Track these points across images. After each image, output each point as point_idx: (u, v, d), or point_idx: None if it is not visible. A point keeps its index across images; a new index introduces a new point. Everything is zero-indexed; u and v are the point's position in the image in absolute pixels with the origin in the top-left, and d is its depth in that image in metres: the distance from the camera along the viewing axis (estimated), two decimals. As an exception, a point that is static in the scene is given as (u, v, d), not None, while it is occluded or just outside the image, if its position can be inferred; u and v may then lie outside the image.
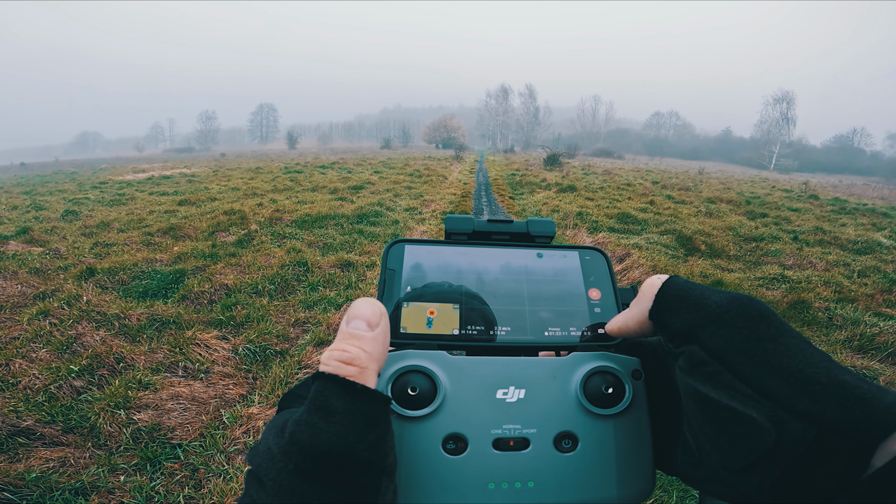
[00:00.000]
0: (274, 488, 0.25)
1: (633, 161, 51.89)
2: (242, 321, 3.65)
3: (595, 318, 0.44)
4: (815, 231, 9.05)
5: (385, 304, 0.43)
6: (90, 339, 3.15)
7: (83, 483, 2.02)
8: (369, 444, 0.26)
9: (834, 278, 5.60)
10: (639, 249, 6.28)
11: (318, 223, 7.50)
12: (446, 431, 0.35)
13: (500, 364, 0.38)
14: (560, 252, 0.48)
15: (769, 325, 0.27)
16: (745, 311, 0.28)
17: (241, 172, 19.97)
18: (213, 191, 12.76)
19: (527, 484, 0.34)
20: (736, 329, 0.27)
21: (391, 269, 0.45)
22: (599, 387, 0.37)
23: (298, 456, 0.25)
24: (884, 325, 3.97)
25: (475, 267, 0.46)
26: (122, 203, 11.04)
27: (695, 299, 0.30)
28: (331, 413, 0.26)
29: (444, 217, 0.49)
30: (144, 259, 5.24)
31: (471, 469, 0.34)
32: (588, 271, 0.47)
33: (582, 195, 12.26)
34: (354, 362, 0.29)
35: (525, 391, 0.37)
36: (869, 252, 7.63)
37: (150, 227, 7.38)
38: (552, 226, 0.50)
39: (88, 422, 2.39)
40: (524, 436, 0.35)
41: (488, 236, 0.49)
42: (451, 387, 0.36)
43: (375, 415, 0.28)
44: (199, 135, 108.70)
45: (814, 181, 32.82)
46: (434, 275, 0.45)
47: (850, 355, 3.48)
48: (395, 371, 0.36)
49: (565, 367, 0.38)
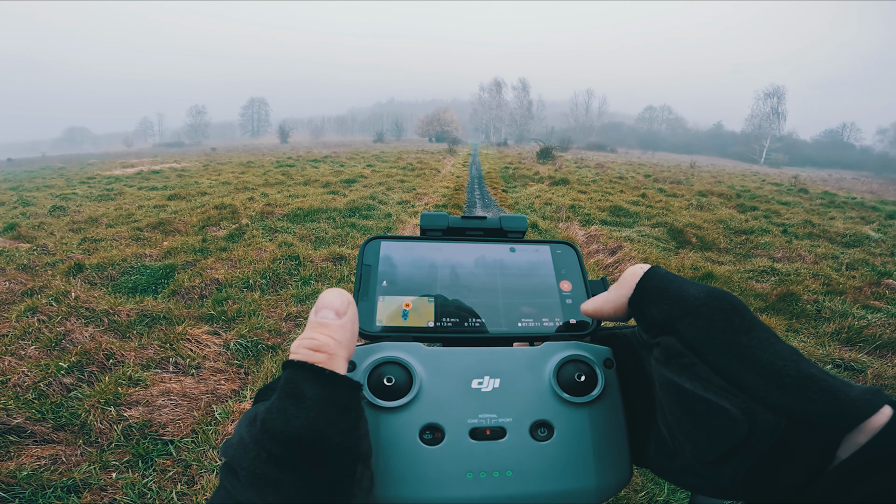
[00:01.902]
0: (248, 478, 0.25)
1: (626, 155, 52.08)
2: (234, 316, 3.63)
3: (567, 310, 0.45)
4: (805, 224, 9.15)
5: (361, 299, 0.44)
6: (79, 335, 3.12)
7: (75, 480, 2.01)
8: (342, 430, 0.27)
9: (822, 271, 5.68)
10: (630, 242, 6.31)
11: (311, 217, 7.46)
12: (423, 422, 0.35)
13: (475, 354, 0.38)
14: (532, 246, 0.50)
15: (743, 318, 0.28)
16: (721, 305, 0.28)
17: (232, 167, 19.78)
18: (204, 185, 12.63)
19: (505, 473, 0.35)
20: (712, 321, 0.28)
21: (367, 265, 0.46)
22: (572, 375, 0.38)
23: (271, 443, 0.25)
24: (872, 318, 4.03)
25: (450, 261, 0.47)
26: (110, 198, 10.89)
27: (674, 291, 0.31)
28: (301, 399, 0.26)
29: (420, 215, 0.50)
30: (133, 254, 5.19)
31: (448, 459, 0.35)
32: (559, 264, 0.49)
33: (574, 188, 12.28)
34: (323, 349, 0.29)
35: (500, 380, 0.37)
36: (857, 245, 7.73)
37: (140, 222, 7.29)
38: (524, 221, 0.51)
39: (79, 419, 2.37)
40: (500, 425, 0.36)
41: (462, 232, 0.51)
42: (427, 377, 0.37)
43: (347, 401, 0.28)
44: (189, 129, 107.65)
45: (804, 175, 33.17)
46: (409, 269, 0.46)
47: (839, 348, 3.52)
48: (370, 363, 0.36)
49: (539, 357, 0.39)
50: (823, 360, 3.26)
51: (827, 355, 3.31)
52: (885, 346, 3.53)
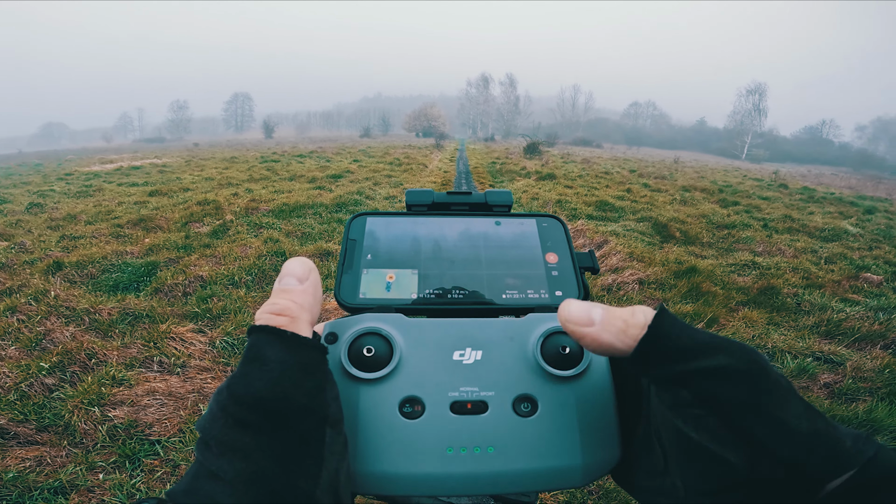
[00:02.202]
0: (218, 447, 0.25)
1: (612, 150, 52.51)
2: (219, 313, 3.58)
3: (553, 281, 0.44)
4: (785, 219, 9.35)
5: (346, 272, 0.43)
6: (60, 335, 3.05)
7: (62, 482, 1.98)
8: (306, 391, 0.26)
9: (802, 265, 5.81)
10: (616, 236, 6.39)
11: (297, 212, 7.38)
12: (403, 394, 0.34)
13: (457, 325, 0.38)
14: (517, 220, 0.49)
15: (767, 378, 0.26)
16: (748, 367, 0.26)
17: (216, 162, 19.44)
18: (186, 181, 12.40)
19: (486, 449, 0.33)
20: (736, 384, 0.26)
21: (352, 240, 0.46)
22: (556, 348, 0.36)
23: (235, 407, 0.25)
24: (850, 311, 4.13)
25: (434, 235, 0.47)
26: (89, 195, 10.63)
27: (691, 343, 0.27)
28: (264, 362, 0.26)
29: (405, 192, 0.50)
30: (114, 252, 5.08)
31: (428, 433, 0.33)
32: (545, 237, 0.48)
33: (561, 183, 12.37)
34: (284, 312, 0.29)
35: (482, 352, 0.36)
36: (836, 239, 7.93)
37: (120, 219, 7.14)
38: (510, 196, 0.51)
39: (62, 420, 2.32)
40: (482, 399, 0.35)
41: (448, 207, 0.51)
42: (407, 349, 0.36)
43: (310, 362, 0.28)
44: (171, 124, 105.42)
45: (784, 171, 33.85)
46: (394, 243, 0.46)
47: (818, 340, 3.59)
48: (351, 334, 0.36)
49: (522, 328, 0.38)
50: (804, 352, 3.33)
51: (807, 348, 3.39)
52: (864, 338, 3.62)
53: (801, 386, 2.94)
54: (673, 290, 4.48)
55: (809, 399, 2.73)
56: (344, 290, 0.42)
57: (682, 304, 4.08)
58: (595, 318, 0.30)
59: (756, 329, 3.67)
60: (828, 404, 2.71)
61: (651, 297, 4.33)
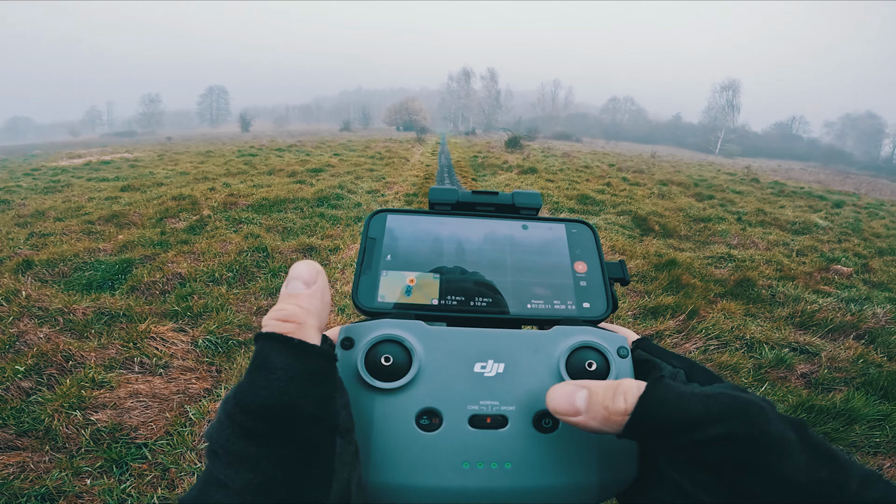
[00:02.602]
0: (226, 456, 0.25)
1: (591, 144, 53.18)
2: (200, 311, 3.49)
3: (580, 292, 0.43)
4: (758, 212, 9.64)
5: (364, 273, 0.42)
6: (33, 336, 2.93)
7: (48, 488, 1.90)
8: (314, 399, 0.26)
9: (775, 257, 6.00)
10: (598, 230, 6.47)
11: (277, 207, 7.24)
12: (420, 406, 0.33)
13: (480, 336, 0.36)
14: (546, 224, 0.47)
15: (768, 438, 0.25)
16: (748, 432, 0.25)
17: (191, 156, 18.91)
18: (160, 175, 12.03)
19: (503, 465, 0.33)
20: (732, 449, 0.25)
21: (371, 238, 0.44)
22: (582, 363, 0.35)
23: (242, 416, 0.25)
24: (822, 302, 4.27)
25: (458, 237, 0.45)
26: (57, 190, 10.21)
27: (681, 419, 0.27)
28: (271, 370, 0.26)
29: (429, 189, 0.48)
30: (86, 249, 4.90)
31: (444, 446, 0.33)
32: (574, 244, 0.46)
33: (543, 177, 12.46)
34: (291, 318, 0.29)
35: (504, 365, 0.35)
36: (806, 232, 8.22)
37: (91, 215, 6.88)
38: (538, 198, 0.49)
39: (42, 424, 2.23)
40: (502, 413, 0.34)
41: (472, 207, 0.48)
42: (427, 358, 0.35)
43: (318, 370, 0.27)
44: (142, 118, 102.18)
45: (755, 165, 34.87)
46: (415, 244, 0.44)
47: (794, 331, 3.70)
48: (369, 340, 0.35)
49: (548, 341, 0.36)
50: (780, 343, 3.44)
51: (783, 339, 3.50)
52: (837, 329, 3.75)
53: (780, 376, 3.04)
54: (654, 282, 4.57)
55: (787, 389, 2.85)
56: (362, 292, 0.41)
57: (663, 297, 4.17)
58: (580, 406, 0.30)
59: (734, 321, 3.77)
60: (806, 394, 2.80)
61: (634, 291, 4.41)
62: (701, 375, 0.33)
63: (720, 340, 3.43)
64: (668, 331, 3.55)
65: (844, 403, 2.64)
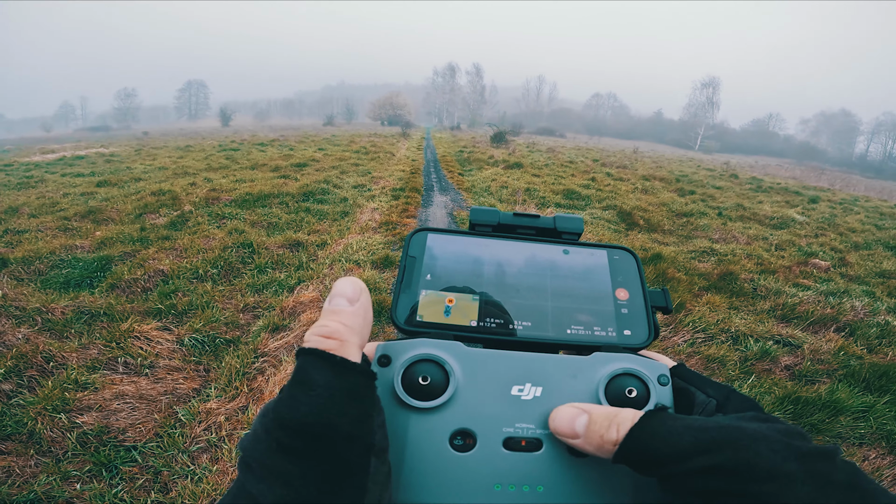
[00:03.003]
0: (259, 470, 0.25)
1: (574, 139, 53.61)
2: (185, 309, 3.42)
3: (621, 319, 0.43)
4: (737, 207, 9.87)
5: (403, 291, 0.41)
6: (11, 337, 2.81)
7: (37, 493, 1.84)
8: (352, 418, 0.26)
9: (755, 251, 6.15)
10: (585, 224, 6.54)
11: (261, 202, 7.12)
12: (455, 426, 0.33)
13: (518, 359, 0.36)
14: (588, 250, 0.47)
15: (758, 469, 0.26)
16: (736, 466, 0.26)
17: (169, 151, 18.47)
18: (137, 171, 11.71)
19: (535, 488, 0.32)
20: (720, 480, 0.26)
21: (412, 257, 0.43)
22: (623, 390, 0.35)
23: (279, 431, 0.25)
24: (803, 296, 4.39)
25: (498, 259, 0.45)
26: (30, 186, 9.86)
27: (669, 452, 0.27)
28: (311, 387, 0.26)
29: (469, 209, 0.48)
30: (63, 246, 4.74)
31: (477, 468, 0.33)
32: (616, 271, 0.46)
33: (528, 172, 12.52)
34: (334, 336, 0.29)
35: (542, 389, 0.35)
36: (784, 227, 8.44)
37: (66, 211, 6.67)
38: (580, 223, 0.48)
39: (26, 427, 2.15)
40: (537, 436, 0.34)
41: (513, 230, 0.48)
42: (464, 379, 0.35)
43: (358, 389, 0.27)
44: (118, 113, 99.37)
45: (734, 161, 35.68)
46: (455, 264, 0.44)
47: (776, 324, 3.79)
48: (406, 359, 0.35)
49: (587, 367, 0.36)
50: (764, 336, 3.52)
51: (767, 331, 3.58)
52: (817, 322, 3.85)
53: (765, 368, 3.12)
54: (641, 276, 4.63)
55: (773, 381, 2.92)
56: (400, 310, 0.41)
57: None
58: (579, 430, 0.31)
59: (719, 314, 3.85)
60: (791, 386, 2.87)
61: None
62: (737, 403, 0.34)
63: (706, 333, 3.50)
64: (656, 324, 3.60)
65: (829, 395, 2.71)
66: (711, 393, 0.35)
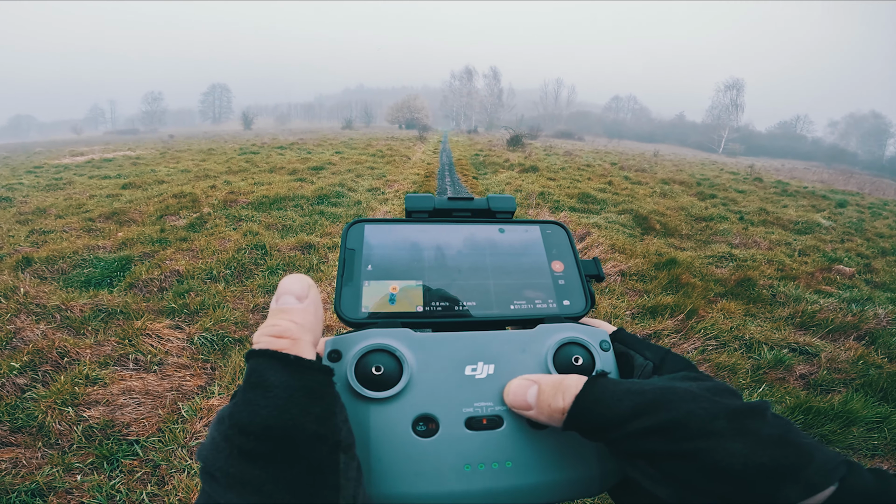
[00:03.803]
0: (224, 480, 0.24)
1: (593, 143, 53.00)
2: (197, 308, 3.50)
3: (560, 291, 0.44)
4: (760, 212, 9.59)
5: (346, 284, 0.41)
6: (30, 333, 2.93)
7: (39, 484, 1.91)
8: (316, 417, 0.25)
9: (777, 257, 5.97)
10: (598, 228, 6.46)
11: (277, 205, 7.25)
12: (416, 412, 0.34)
13: (468, 339, 0.37)
14: (521, 227, 0.48)
15: (687, 427, 0.26)
16: (668, 422, 0.26)
17: (192, 154, 18.94)
18: (161, 173, 12.04)
19: (504, 464, 0.33)
20: (660, 440, 0.26)
21: (350, 249, 0.44)
22: (569, 359, 0.36)
23: (240, 438, 0.24)
24: (823, 303, 4.23)
25: (437, 243, 0.45)
26: (59, 188, 10.23)
27: (610, 417, 0.28)
28: (268, 388, 0.25)
29: (405, 196, 0.48)
30: (86, 246, 4.91)
31: (444, 451, 0.33)
32: (550, 244, 0.47)
33: (544, 175, 12.43)
34: (285, 334, 0.28)
35: (494, 366, 0.36)
36: (809, 232, 8.17)
37: (91, 213, 6.90)
38: (513, 202, 0.49)
39: (36, 420, 2.23)
40: (497, 413, 0.34)
41: (449, 213, 0.49)
42: (418, 365, 0.35)
43: (317, 386, 0.26)
44: (145, 116, 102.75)
45: (759, 164, 34.74)
46: (395, 252, 0.44)
47: (793, 332, 3.67)
48: (357, 351, 0.35)
49: (534, 340, 0.37)
50: (780, 343, 3.41)
51: (783, 339, 3.47)
52: (837, 329, 3.71)
53: (778, 377, 3.02)
54: (654, 281, 4.55)
55: (786, 390, 2.82)
56: (345, 303, 0.40)
57: (662, 296, 4.15)
58: (531, 401, 0.32)
59: (734, 320, 3.75)
60: (804, 395, 2.78)
61: (632, 289, 4.39)
62: (672, 364, 0.34)
63: (718, 341, 3.41)
64: (666, 330, 3.53)
65: (842, 405, 2.61)
66: (649, 356, 0.36)
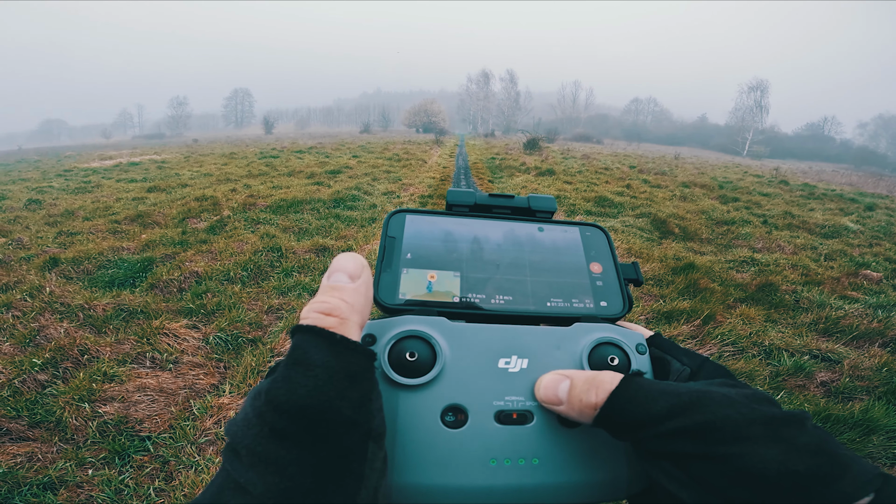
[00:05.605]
0: (248, 457, 0.23)
1: (612, 146, 52.36)
2: (213, 309, 3.57)
3: (597, 291, 0.44)
4: (785, 215, 9.32)
5: (384, 270, 0.42)
6: (53, 331, 3.04)
7: (51, 478, 1.97)
8: (352, 401, 0.24)
9: (801, 261, 5.79)
10: (615, 232, 6.38)
11: (294, 208, 7.37)
12: (445, 402, 0.33)
13: (503, 332, 0.37)
14: (561, 227, 0.48)
15: (722, 430, 0.26)
16: (702, 424, 0.26)
17: (215, 158, 19.40)
18: (185, 177, 12.38)
19: (531, 461, 0.32)
20: (687, 442, 0.26)
21: (391, 237, 0.44)
22: (604, 359, 0.36)
23: (274, 416, 0.23)
24: (848, 309, 4.09)
25: (477, 236, 0.46)
26: (87, 191, 10.61)
27: (643, 417, 0.27)
28: (309, 367, 0.24)
29: (447, 191, 0.48)
30: (111, 247, 5.07)
31: (471, 443, 0.32)
32: (589, 246, 0.47)
33: (560, 179, 12.33)
34: (334, 312, 0.27)
35: (528, 361, 0.35)
36: (836, 236, 7.90)
37: (117, 215, 7.13)
38: (553, 202, 0.50)
39: (54, 416, 2.32)
40: (528, 408, 0.34)
41: (489, 209, 0.49)
42: (451, 354, 0.35)
43: (358, 370, 0.26)
44: (170, 121, 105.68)
45: (784, 167, 33.76)
46: (435, 243, 0.44)
47: (816, 338, 3.55)
48: (392, 336, 0.34)
49: (570, 337, 0.37)
50: (801, 350, 3.31)
51: (804, 346, 3.36)
52: (862, 336, 3.58)
53: (798, 384, 2.92)
54: (670, 286, 4.46)
55: (805, 398, 2.73)
56: (383, 289, 0.40)
57: (679, 301, 4.06)
58: (562, 396, 0.31)
59: (753, 326, 3.65)
60: (824, 403, 2.68)
61: (648, 294, 4.32)
62: (710, 371, 0.34)
63: (736, 346, 3.32)
64: (681, 336, 3.45)
65: (863, 413, 2.52)
66: (686, 361, 0.35)
